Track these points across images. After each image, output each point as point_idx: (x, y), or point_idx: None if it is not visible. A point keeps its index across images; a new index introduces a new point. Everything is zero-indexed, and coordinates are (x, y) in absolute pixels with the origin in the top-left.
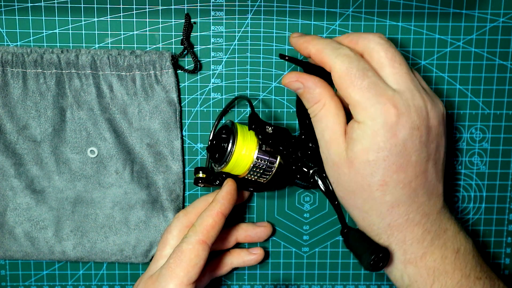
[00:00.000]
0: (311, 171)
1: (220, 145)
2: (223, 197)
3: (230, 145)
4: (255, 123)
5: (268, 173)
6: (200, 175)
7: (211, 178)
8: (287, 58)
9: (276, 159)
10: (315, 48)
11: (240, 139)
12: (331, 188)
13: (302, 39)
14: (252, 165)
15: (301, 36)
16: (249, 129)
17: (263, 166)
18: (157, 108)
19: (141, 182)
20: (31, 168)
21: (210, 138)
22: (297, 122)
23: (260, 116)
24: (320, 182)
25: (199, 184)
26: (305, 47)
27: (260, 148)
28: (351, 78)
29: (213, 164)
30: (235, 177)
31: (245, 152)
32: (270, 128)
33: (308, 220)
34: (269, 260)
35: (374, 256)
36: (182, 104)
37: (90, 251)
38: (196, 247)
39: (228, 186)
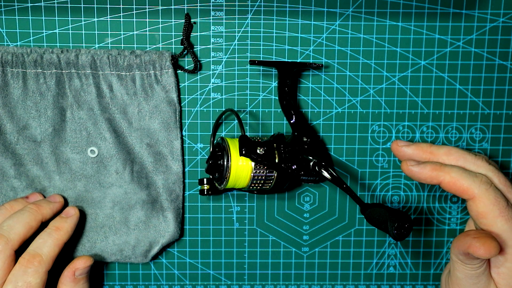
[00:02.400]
0: (311, 164)
1: (217, 163)
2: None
3: (225, 160)
4: (245, 147)
5: (269, 180)
6: (205, 186)
7: (215, 186)
8: (256, 62)
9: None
10: (450, 176)
11: (233, 151)
12: (335, 174)
13: (428, 167)
14: (252, 174)
15: (422, 165)
16: (240, 155)
17: (263, 174)
18: (157, 108)
19: (141, 182)
20: (32, 168)
21: (208, 158)
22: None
23: (260, 116)
24: (323, 171)
25: (205, 194)
26: (436, 176)
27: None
28: (500, 208)
29: (216, 184)
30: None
31: (242, 163)
32: (261, 149)
33: (308, 220)
34: (269, 260)
35: (397, 224)
36: (182, 104)
37: (90, 250)
38: (43, 278)
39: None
